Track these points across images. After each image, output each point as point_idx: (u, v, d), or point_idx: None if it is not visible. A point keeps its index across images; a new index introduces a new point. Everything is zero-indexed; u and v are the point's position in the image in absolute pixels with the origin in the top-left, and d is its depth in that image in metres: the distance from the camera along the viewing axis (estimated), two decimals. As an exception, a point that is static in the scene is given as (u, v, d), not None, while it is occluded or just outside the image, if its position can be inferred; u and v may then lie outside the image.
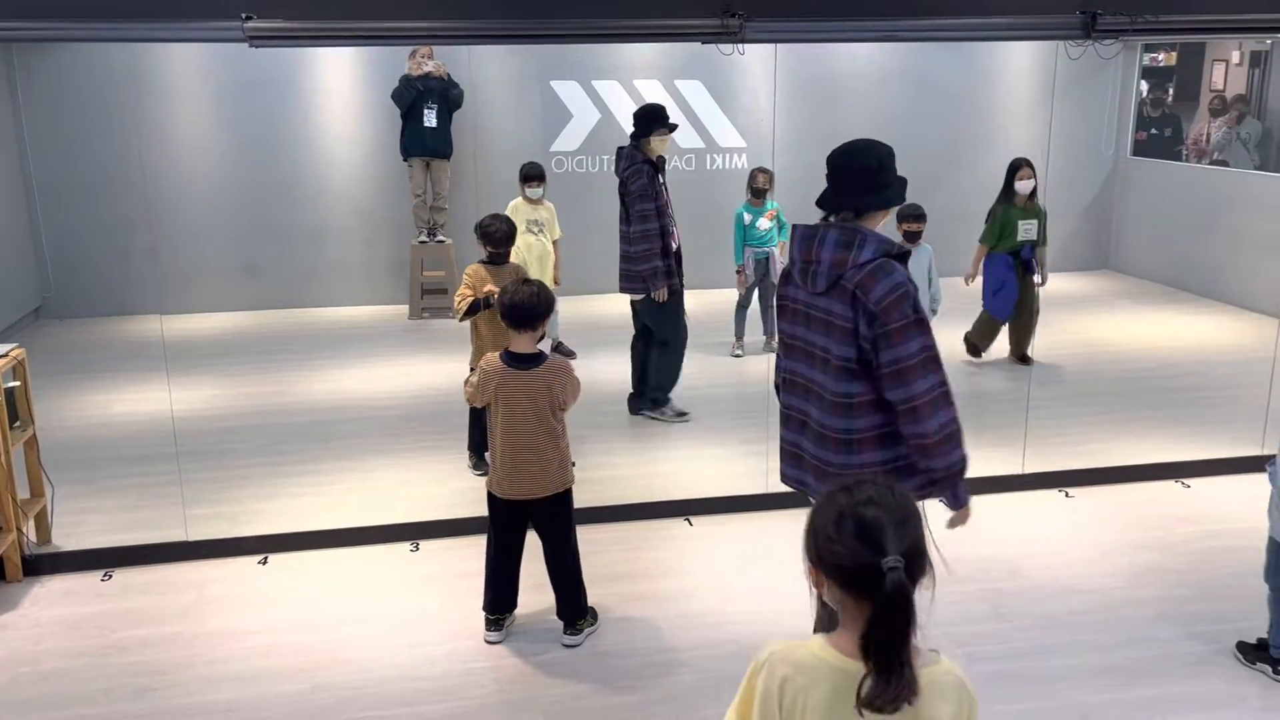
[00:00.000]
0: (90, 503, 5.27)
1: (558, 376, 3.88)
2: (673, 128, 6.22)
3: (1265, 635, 3.77)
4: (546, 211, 7.49)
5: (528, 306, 3.87)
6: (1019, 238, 7.09)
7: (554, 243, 7.54)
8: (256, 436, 6.21)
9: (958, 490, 3.05)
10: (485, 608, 4.07)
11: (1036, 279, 7.23)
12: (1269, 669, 3.73)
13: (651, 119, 6.12)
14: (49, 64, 8.67)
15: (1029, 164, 7.11)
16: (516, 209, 7.41)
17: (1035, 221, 7.12)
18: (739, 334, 7.77)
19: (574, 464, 4.08)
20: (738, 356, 7.69)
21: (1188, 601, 4.25)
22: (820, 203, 3.15)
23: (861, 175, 3.09)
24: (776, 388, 3.40)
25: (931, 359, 2.95)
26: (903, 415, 2.95)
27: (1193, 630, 4.04)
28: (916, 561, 1.71)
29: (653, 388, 6.44)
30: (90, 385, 7.23)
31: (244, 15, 4.14)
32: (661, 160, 6.21)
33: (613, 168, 9.56)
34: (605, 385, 7.11)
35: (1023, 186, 7.06)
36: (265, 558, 4.71)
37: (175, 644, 4.03)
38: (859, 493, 1.75)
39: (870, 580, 1.68)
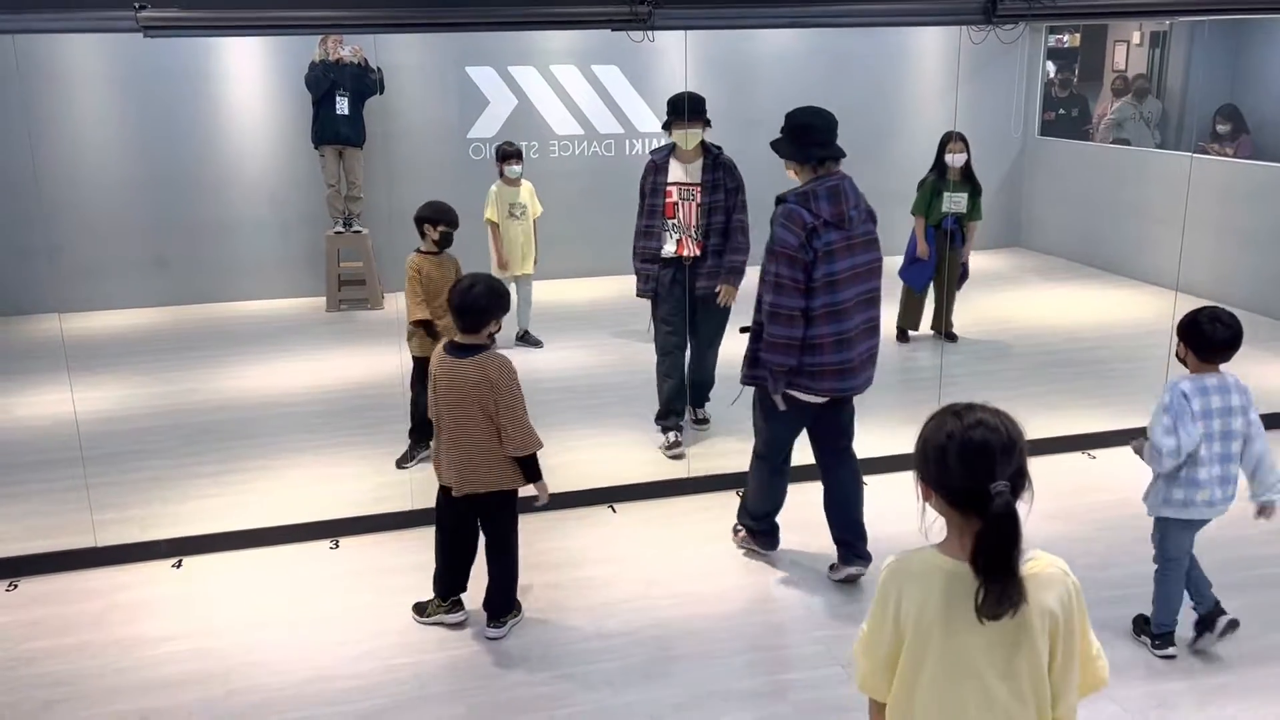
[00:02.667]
0: (-8, 511, 5.09)
1: (494, 367, 3.73)
2: (706, 123, 5.52)
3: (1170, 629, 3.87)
4: (526, 192, 7.43)
5: (479, 308, 3.73)
6: (945, 208, 7.23)
7: (532, 222, 7.50)
8: (168, 437, 6.05)
9: None
10: (439, 595, 4.02)
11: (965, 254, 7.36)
12: (1149, 643, 3.84)
13: (670, 108, 5.51)
14: (-65, 53, 8.28)
15: (960, 137, 7.22)
16: (500, 193, 7.35)
17: (964, 195, 7.26)
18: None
19: None
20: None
21: (1093, 569, 4.40)
22: (823, 156, 4.04)
23: (834, 130, 4.08)
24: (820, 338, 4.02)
25: None
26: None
27: (1097, 596, 4.17)
28: (1019, 481, 1.87)
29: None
30: (-10, 388, 6.97)
31: (137, 4, 4.01)
32: (711, 157, 5.48)
33: (536, 154, 9.60)
34: (530, 373, 7.08)
35: (952, 160, 7.20)
36: (179, 561, 4.61)
37: (84, 654, 3.92)
38: (968, 416, 1.89)
39: (977, 500, 1.84)
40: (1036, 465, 1.85)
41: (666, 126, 5.63)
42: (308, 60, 8.57)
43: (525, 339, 7.73)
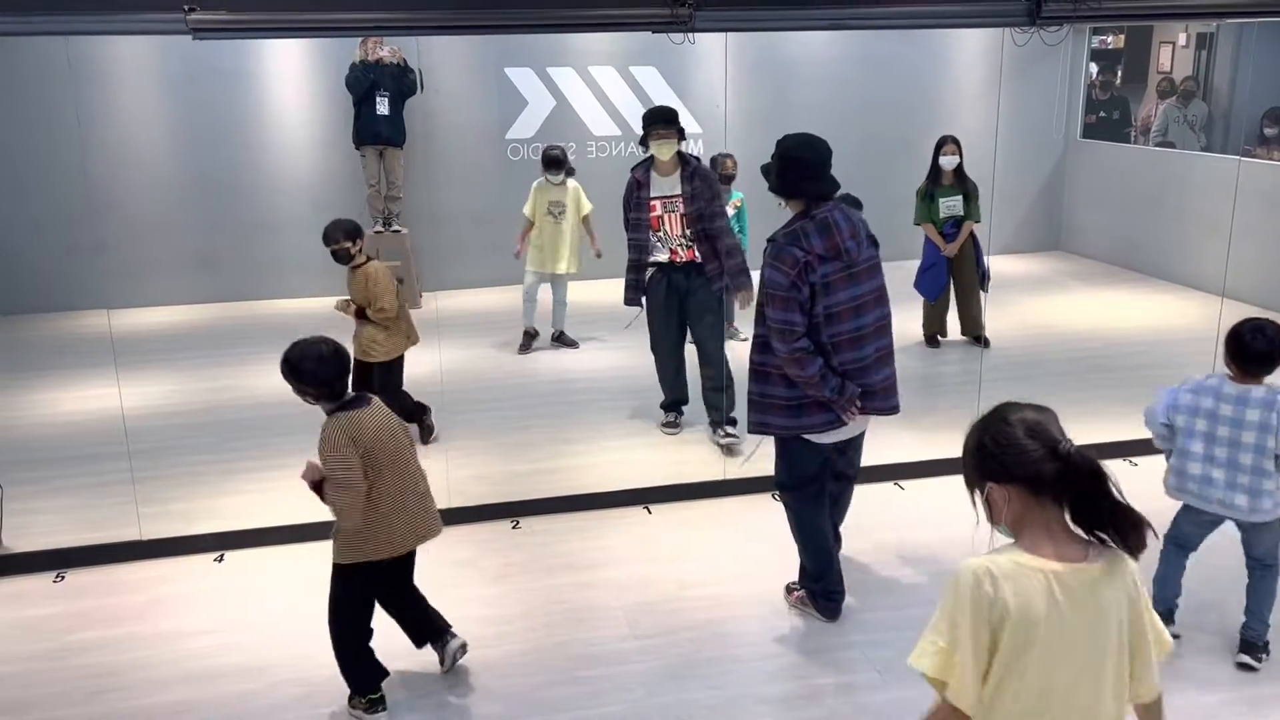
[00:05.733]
0: (40, 503, 5.20)
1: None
2: (679, 134, 5.63)
3: (1170, 606, 3.91)
4: (570, 193, 7.51)
5: (327, 375, 3.77)
6: (942, 215, 7.23)
7: (584, 218, 7.57)
8: (211, 432, 6.15)
9: None
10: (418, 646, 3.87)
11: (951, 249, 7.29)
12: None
13: (647, 121, 5.68)
14: (-13, 55, 8.48)
15: (953, 140, 7.26)
16: (541, 191, 7.47)
17: (959, 198, 7.23)
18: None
19: None
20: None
21: (1133, 578, 4.34)
22: (821, 193, 3.84)
23: (827, 163, 3.87)
24: (828, 364, 3.84)
25: None
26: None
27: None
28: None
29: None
30: (37, 383, 7.11)
31: (187, 7, 4.08)
32: (690, 169, 5.65)
33: (574, 155, 9.61)
34: (567, 374, 7.12)
35: (945, 163, 7.21)
36: (221, 555, 4.68)
37: (129, 645, 4.00)
38: (1000, 410, 2.10)
39: (1052, 471, 1.98)
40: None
41: (644, 141, 5.69)
42: (348, 61, 8.67)
43: (560, 340, 7.76)
